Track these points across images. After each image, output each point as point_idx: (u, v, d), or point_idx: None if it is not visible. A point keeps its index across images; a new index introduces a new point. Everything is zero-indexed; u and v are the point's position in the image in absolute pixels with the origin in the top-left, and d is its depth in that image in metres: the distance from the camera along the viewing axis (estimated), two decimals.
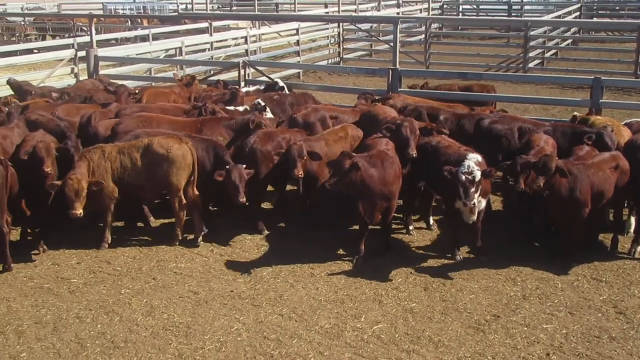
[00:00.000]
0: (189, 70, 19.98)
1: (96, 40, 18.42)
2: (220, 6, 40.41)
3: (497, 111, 12.17)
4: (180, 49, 22.28)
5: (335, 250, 9.46)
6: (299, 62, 25.36)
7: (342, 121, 11.49)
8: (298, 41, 26.33)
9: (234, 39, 25.78)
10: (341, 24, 26.89)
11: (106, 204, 9.47)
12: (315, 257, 9.22)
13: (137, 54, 21.63)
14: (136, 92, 13.68)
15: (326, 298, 8.11)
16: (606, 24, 33.23)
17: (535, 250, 9.47)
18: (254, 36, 25.66)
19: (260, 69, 18.05)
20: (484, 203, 8.94)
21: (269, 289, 8.37)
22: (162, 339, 7.24)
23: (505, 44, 29.17)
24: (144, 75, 20.68)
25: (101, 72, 17.56)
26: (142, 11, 37.15)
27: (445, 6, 38.23)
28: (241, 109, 12.14)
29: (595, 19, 34.91)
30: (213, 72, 20.48)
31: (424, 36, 27.93)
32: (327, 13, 32.44)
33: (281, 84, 14.70)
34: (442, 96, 13.68)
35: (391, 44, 18.14)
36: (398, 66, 15.07)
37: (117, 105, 12.13)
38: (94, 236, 9.71)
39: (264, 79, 17.04)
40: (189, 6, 34.10)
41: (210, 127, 10.77)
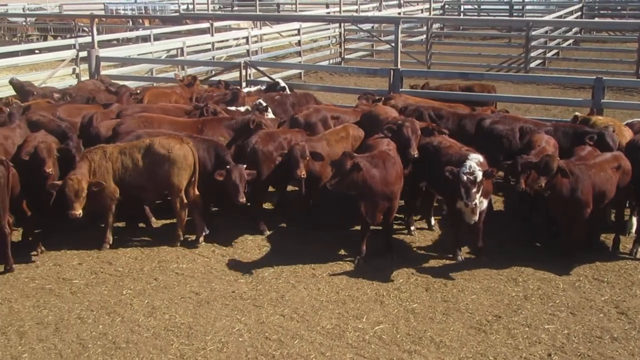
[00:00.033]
0: (190, 71, 19.99)
1: (97, 40, 18.43)
2: (222, 6, 40.45)
3: (499, 111, 12.17)
4: (182, 49, 22.29)
5: (337, 251, 9.46)
6: (300, 62, 25.37)
7: (344, 121, 11.48)
8: (299, 41, 26.35)
9: (235, 39, 25.79)
10: (342, 24, 26.91)
11: (107, 204, 9.47)
12: (317, 257, 9.22)
13: (139, 54, 21.64)
14: (137, 92, 13.68)
15: (327, 298, 8.11)
16: (607, 23, 33.20)
17: (537, 250, 9.46)
18: (255, 36, 25.66)
19: (261, 69, 18.05)
20: (485, 203, 8.93)
21: (270, 289, 8.37)
22: (163, 339, 7.25)
23: (507, 43, 29.19)
24: (145, 75, 20.70)
25: (102, 72, 17.56)
26: (144, 11, 37.12)
27: (446, 6, 38.26)
28: (242, 109, 12.14)
29: (596, 19, 34.91)
30: (214, 72, 20.47)
31: (425, 36, 27.91)
32: (328, 13, 32.47)
33: (282, 84, 14.70)
34: (443, 96, 13.67)
35: (392, 44, 18.15)
36: (399, 66, 15.06)
37: (118, 106, 12.13)
38: (95, 237, 9.71)
39: (265, 79, 17.04)
40: (190, 6, 34.14)
41: (211, 127, 10.77)
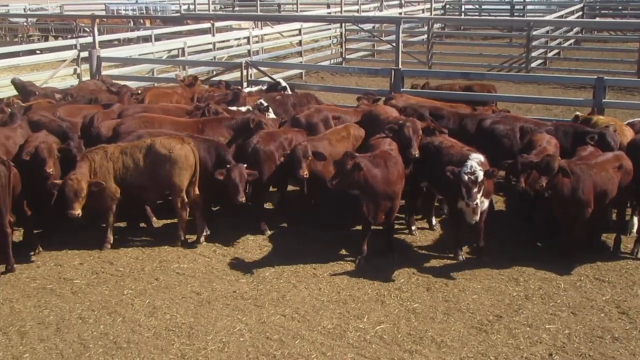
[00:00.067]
0: (191, 71, 19.99)
1: (98, 40, 18.43)
2: (223, 6, 40.45)
3: (500, 111, 12.16)
4: (183, 49, 22.28)
5: (338, 251, 9.46)
6: (301, 62, 25.36)
7: (345, 121, 11.47)
8: (300, 41, 26.35)
9: (236, 39, 25.79)
10: (343, 24, 26.93)
11: (108, 204, 9.47)
12: (318, 257, 9.22)
13: (140, 55, 21.63)
14: (138, 92, 13.68)
15: (328, 298, 8.11)
16: (609, 23, 33.19)
17: (538, 250, 9.45)
18: (256, 36, 25.66)
19: (262, 69, 18.04)
20: (486, 203, 8.92)
21: (271, 289, 8.37)
22: (164, 339, 7.25)
23: (508, 43, 29.19)
24: (147, 75, 20.71)
25: (103, 72, 17.58)
26: (145, 11, 37.14)
27: (447, 6, 38.26)
28: (243, 109, 12.14)
29: (597, 19, 34.87)
30: (215, 73, 20.48)
31: (426, 36, 27.93)
32: (329, 13, 32.46)
33: (283, 84, 14.71)
34: (444, 96, 13.66)
35: (393, 44, 18.17)
36: (400, 66, 15.05)
37: (119, 106, 12.14)
38: (96, 236, 9.72)
39: (266, 79, 17.03)
40: (191, 6, 34.12)
41: (212, 128, 10.78)
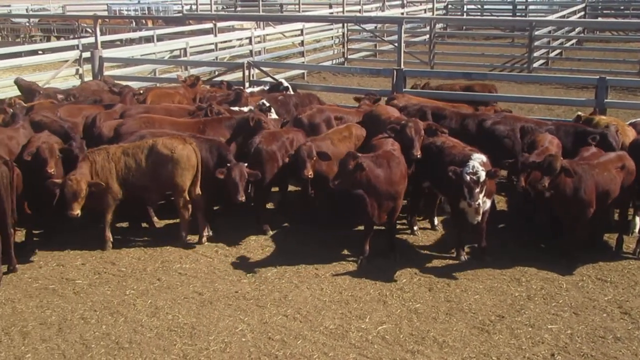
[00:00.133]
0: (193, 71, 19.96)
1: (100, 41, 18.42)
2: (225, 7, 40.47)
3: (502, 111, 12.14)
4: (185, 49, 22.27)
5: (340, 251, 9.46)
6: (303, 62, 25.35)
7: (347, 122, 11.46)
8: (302, 41, 26.34)
9: (238, 39, 25.77)
10: (345, 24, 26.91)
11: (109, 203, 9.48)
12: (320, 257, 9.22)
13: (142, 55, 21.65)
14: (140, 92, 13.69)
15: (330, 298, 8.11)
16: (611, 23, 33.16)
17: (540, 250, 9.44)
18: (258, 36, 25.63)
19: (264, 69, 18.03)
20: (488, 203, 8.92)
21: (273, 289, 8.37)
22: (166, 339, 7.25)
23: (510, 43, 29.15)
24: (149, 75, 20.71)
25: (106, 72, 17.61)
26: (147, 12, 37.19)
27: (449, 6, 38.24)
28: (245, 109, 12.12)
29: (599, 19, 34.80)
30: (217, 73, 20.48)
31: (428, 36, 27.91)
32: (331, 13, 32.45)
33: (285, 84, 14.70)
34: (445, 96, 13.64)
35: (395, 44, 18.15)
36: (402, 66, 15.04)
37: (121, 106, 12.15)
38: (98, 237, 9.70)
39: (268, 79, 17.03)
40: (193, 7, 34.15)
41: (212, 128, 10.78)
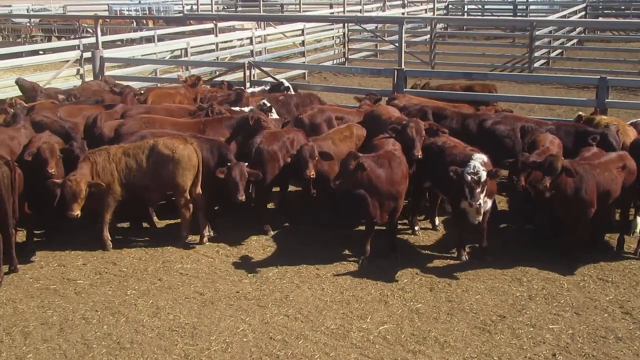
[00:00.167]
0: (194, 71, 19.97)
1: (101, 41, 18.42)
2: (225, 7, 40.46)
3: (502, 111, 12.13)
4: (186, 49, 22.27)
5: (341, 251, 9.46)
6: (304, 62, 25.36)
7: (348, 122, 11.46)
8: (303, 41, 26.35)
9: (239, 39, 25.79)
10: (346, 24, 26.91)
11: (109, 203, 9.47)
12: (321, 257, 9.22)
13: (143, 55, 21.65)
14: (141, 92, 13.69)
15: (332, 298, 8.11)
16: (611, 23, 33.14)
17: (541, 250, 9.42)
18: (259, 37, 25.61)
19: (265, 69, 18.04)
20: (489, 203, 8.92)
21: (274, 289, 8.37)
22: (167, 339, 7.25)
23: (510, 43, 29.12)
24: (149, 76, 20.70)
25: (106, 73, 17.61)
26: (147, 12, 37.20)
27: (450, 6, 38.22)
28: (246, 109, 12.13)
29: (600, 19, 34.80)
30: (218, 73, 20.48)
31: (429, 36, 27.89)
32: (332, 13, 32.45)
33: (286, 84, 14.70)
34: (445, 96, 13.63)
35: (396, 44, 18.12)
36: (403, 66, 15.04)
37: (122, 106, 12.15)
38: (98, 237, 9.71)
39: (269, 79, 17.04)
40: (194, 7, 34.15)
41: (213, 128, 10.78)
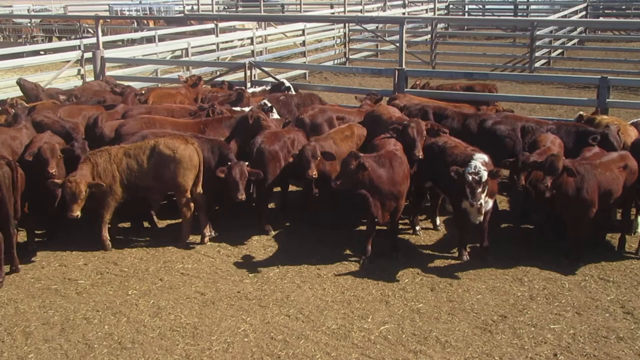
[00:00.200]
0: (194, 71, 19.99)
1: (102, 41, 18.43)
2: (226, 7, 40.48)
3: (503, 110, 12.12)
4: (186, 49, 22.29)
5: (342, 251, 9.46)
6: (305, 62, 25.38)
7: (348, 122, 11.47)
8: (304, 41, 26.36)
9: (239, 39, 25.81)
10: (347, 24, 26.92)
11: (109, 204, 9.47)
12: (322, 257, 9.22)
13: (143, 55, 21.65)
14: (142, 93, 13.69)
15: (333, 298, 8.11)
16: (612, 23, 33.15)
17: (542, 250, 9.42)
18: (259, 37, 25.64)
19: (266, 69, 18.05)
20: (490, 203, 8.92)
21: (275, 289, 8.37)
22: (169, 339, 7.26)
23: (511, 43, 29.10)
24: (150, 76, 20.71)
25: (107, 73, 17.61)
26: (148, 12, 37.21)
27: (450, 6, 38.23)
28: (247, 109, 12.13)
29: (601, 18, 34.80)
30: (219, 73, 20.50)
31: (429, 36, 27.92)
32: (333, 13, 32.47)
33: (287, 84, 14.70)
34: (446, 96, 13.62)
35: (397, 44, 18.13)
36: (404, 66, 15.04)
37: (123, 106, 12.15)
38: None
39: (270, 79, 17.04)
40: (195, 7, 34.16)
41: (213, 128, 10.78)
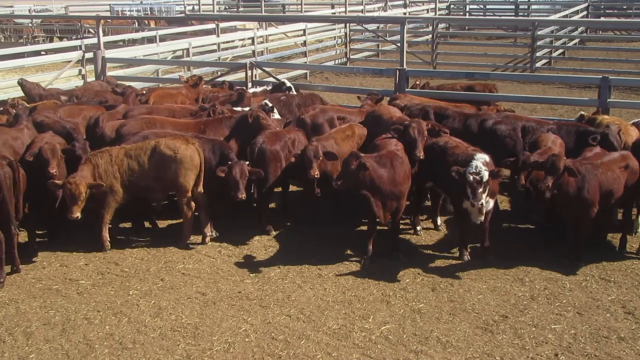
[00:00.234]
0: (196, 71, 20.00)
1: (103, 41, 18.45)
2: (227, 7, 40.49)
3: (504, 110, 12.12)
4: (187, 50, 22.30)
5: (343, 251, 9.45)
6: (306, 62, 25.38)
7: (349, 122, 11.47)
8: (305, 42, 26.36)
9: (240, 39, 25.81)
10: (348, 24, 26.92)
11: (109, 204, 9.47)
12: (323, 257, 9.22)
13: (144, 55, 21.67)
14: (143, 93, 13.70)
15: (334, 298, 8.11)
16: (613, 23, 33.15)
17: (543, 250, 9.42)
18: (260, 37, 25.66)
19: (267, 69, 18.06)
20: (491, 203, 8.92)
21: (276, 289, 8.37)
22: (170, 339, 7.26)
23: (512, 43, 29.11)
24: (151, 76, 20.72)
25: (108, 73, 17.60)
26: (149, 12, 37.24)
27: (451, 6, 38.23)
28: (248, 109, 12.13)
29: (602, 18, 34.80)
30: (220, 73, 20.51)
31: (430, 36, 27.91)
32: (334, 13, 32.46)
33: (288, 84, 14.70)
34: (446, 96, 13.62)
35: (398, 44, 18.14)
36: (405, 66, 15.04)
37: (124, 107, 12.16)
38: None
39: (271, 79, 17.05)
40: (196, 7, 34.17)
41: (213, 127, 10.78)
